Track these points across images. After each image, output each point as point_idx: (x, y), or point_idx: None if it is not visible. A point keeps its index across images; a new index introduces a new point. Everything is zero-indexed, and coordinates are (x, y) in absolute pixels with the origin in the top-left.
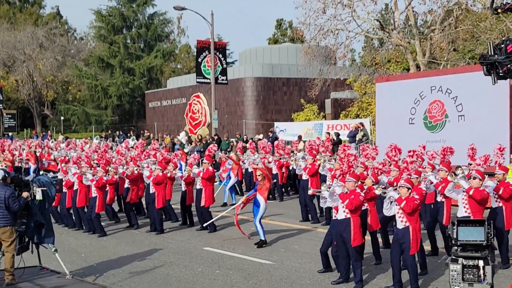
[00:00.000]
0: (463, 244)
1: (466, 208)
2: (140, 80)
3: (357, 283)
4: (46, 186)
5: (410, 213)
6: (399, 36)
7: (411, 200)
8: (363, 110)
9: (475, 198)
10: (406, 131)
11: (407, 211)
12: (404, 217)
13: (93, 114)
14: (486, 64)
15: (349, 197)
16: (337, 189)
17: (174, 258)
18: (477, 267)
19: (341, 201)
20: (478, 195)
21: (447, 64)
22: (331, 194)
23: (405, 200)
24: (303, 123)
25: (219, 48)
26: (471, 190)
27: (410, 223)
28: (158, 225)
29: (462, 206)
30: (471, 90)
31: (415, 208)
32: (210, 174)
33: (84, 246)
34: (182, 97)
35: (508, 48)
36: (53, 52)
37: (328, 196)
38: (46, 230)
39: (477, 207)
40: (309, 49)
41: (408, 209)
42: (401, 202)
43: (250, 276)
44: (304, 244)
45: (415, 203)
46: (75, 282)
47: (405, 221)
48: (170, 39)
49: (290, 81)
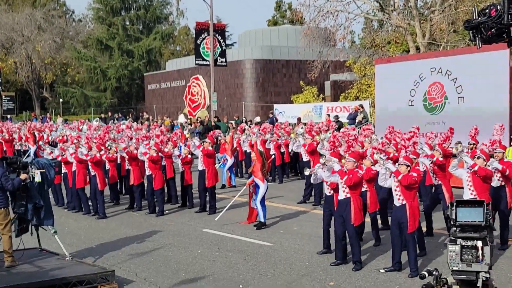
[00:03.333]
0: (462, 225)
1: (471, 190)
2: (139, 62)
3: (356, 263)
4: (45, 168)
5: (407, 187)
6: (399, 17)
7: (409, 175)
8: (363, 92)
9: (480, 174)
10: (406, 113)
11: (404, 184)
12: (401, 194)
13: (92, 96)
14: (471, 28)
15: (348, 175)
16: (335, 166)
17: (174, 240)
18: (476, 247)
19: (339, 177)
20: (483, 172)
21: (447, 45)
22: (329, 170)
23: (402, 175)
24: (303, 105)
25: (218, 30)
26: (476, 166)
27: (407, 200)
28: (159, 206)
29: (467, 188)
30: (471, 72)
31: (412, 183)
32: (210, 151)
33: (84, 228)
34: (181, 79)
35: (492, 12)
36: (51, 34)
37: (325, 172)
38: (46, 212)
39: (482, 186)
40: (309, 30)
41: (405, 181)
42: (398, 175)
43: (249, 258)
44: (304, 225)
45: (412, 178)
46: (75, 263)
47: (402, 198)
48: (169, 21)
49: (289, 63)
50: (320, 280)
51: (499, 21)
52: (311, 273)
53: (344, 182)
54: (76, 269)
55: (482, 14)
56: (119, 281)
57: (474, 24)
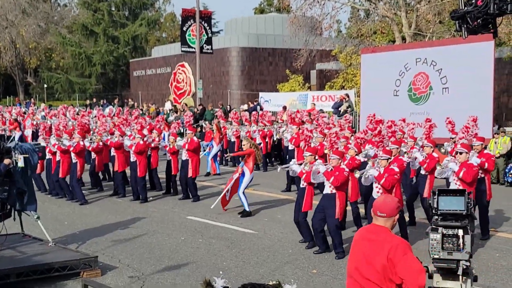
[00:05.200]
0: (443, 214)
1: (457, 186)
2: (125, 49)
3: (338, 253)
4: (28, 153)
5: (389, 191)
6: (385, 7)
7: (390, 174)
8: (348, 82)
9: (466, 181)
10: (391, 103)
11: (387, 188)
12: (381, 189)
13: (77, 82)
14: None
15: (334, 174)
16: (320, 168)
17: (157, 226)
18: (457, 236)
19: (326, 178)
20: (469, 177)
21: (432, 36)
22: (314, 173)
23: (384, 177)
24: (288, 93)
25: (204, 17)
26: (460, 173)
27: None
28: (142, 193)
29: (453, 184)
30: (456, 63)
31: (394, 183)
32: (195, 145)
33: (67, 214)
34: (167, 66)
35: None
36: (36, 19)
37: (312, 175)
38: (28, 197)
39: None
40: (295, 19)
41: (387, 186)
42: (380, 179)
43: (233, 245)
44: (287, 214)
45: (394, 178)
46: (58, 249)
47: (381, 193)
48: (155, 7)
49: (275, 51)
50: (303, 268)
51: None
52: (294, 261)
53: (331, 183)
54: (59, 255)
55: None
56: (102, 267)
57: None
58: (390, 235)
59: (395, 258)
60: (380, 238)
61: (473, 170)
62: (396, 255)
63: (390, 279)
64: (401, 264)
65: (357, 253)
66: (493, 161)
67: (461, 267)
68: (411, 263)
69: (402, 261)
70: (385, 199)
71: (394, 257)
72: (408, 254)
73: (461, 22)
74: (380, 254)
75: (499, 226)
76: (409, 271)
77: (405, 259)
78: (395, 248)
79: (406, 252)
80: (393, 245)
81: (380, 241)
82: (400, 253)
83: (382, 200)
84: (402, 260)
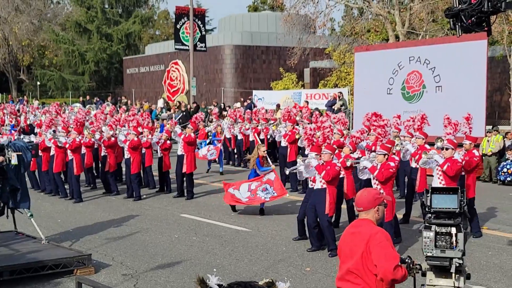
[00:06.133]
0: (437, 212)
1: (440, 180)
2: (118, 46)
3: (331, 250)
4: (22, 150)
5: (383, 182)
6: (379, 5)
7: (385, 169)
8: (342, 80)
9: (449, 174)
10: (384, 101)
11: (381, 180)
12: (378, 184)
13: (70, 79)
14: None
15: (326, 168)
16: (312, 161)
17: (151, 224)
18: (450, 234)
19: (317, 172)
20: (451, 171)
21: (426, 34)
22: (307, 167)
23: (378, 169)
24: (282, 91)
25: (198, 15)
26: (444, 166)
27: (384, 191)
28: (135, 191)
29: (436, 178)
30: (449, 61)
31: (388, 177)
32: (191, 139)
33: (61, 211)
34: (161, 64)
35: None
36: (29, 16)
37: (304, 168)
38: (22, 195)
39: (451, 179)
40: (289, 17)
41: (381, 178)
42: (374, 171)
43: (226, 243)
44: (281, 211)
45: (389, 172)
46: (51, 247)
47: (379, 188)
48: (148, 4)
49: (269, 49)
50: (297, 265)
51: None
52: (287, 259)
53: (322, 177)
54: (53, 253)
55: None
56: (96, 265)
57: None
58: (371, 226)
59: (372, 244)
60: (362, 229)
61: (457, 165)
62: (373, 241)
63: (369, 270)
64: (376, 250)
65: (344, 248)
66: (475, 161)
67: (454, 265)
68: (386, 250)
69: (377, 247)
70: (362, 192)
71: (371, 244)
72: (384, 242)
73: (455, 20)
74: (361, 243)
75: (491, 224)
76: (382, 257)
77: (380, 245)
78: (374, 235)
79: (383, 240)
80: (372, 233)
81: (362, 232)
82: (377, 240)
83: (360, 194)
84: (378, 246)
